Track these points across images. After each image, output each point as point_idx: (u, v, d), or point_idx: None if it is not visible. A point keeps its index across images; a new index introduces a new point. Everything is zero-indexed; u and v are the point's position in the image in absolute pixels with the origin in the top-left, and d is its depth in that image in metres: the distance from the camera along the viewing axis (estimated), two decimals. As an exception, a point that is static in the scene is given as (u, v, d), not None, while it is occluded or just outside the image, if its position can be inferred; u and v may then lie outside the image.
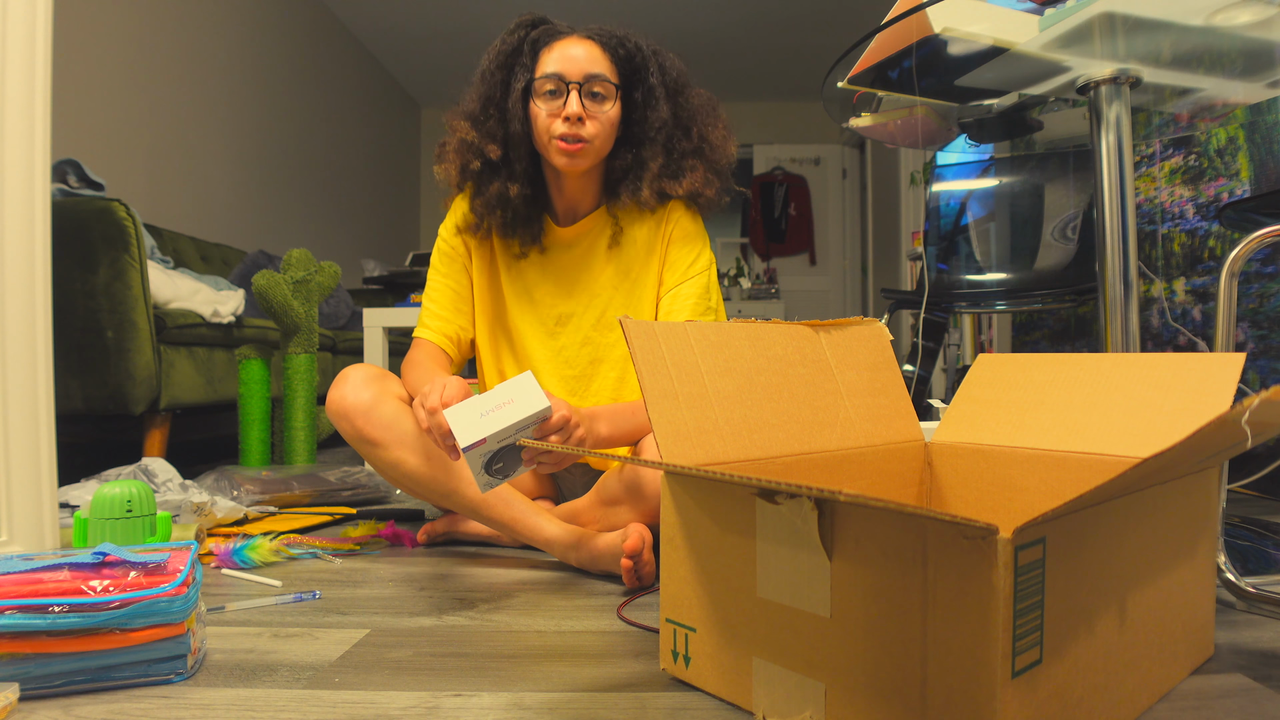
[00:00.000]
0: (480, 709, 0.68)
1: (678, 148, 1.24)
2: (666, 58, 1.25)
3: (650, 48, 1.24)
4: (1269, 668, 0.74)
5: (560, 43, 1.19)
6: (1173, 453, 0.47)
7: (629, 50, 1.21)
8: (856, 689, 0.57)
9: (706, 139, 1.25)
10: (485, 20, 4.73)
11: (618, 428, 1.15)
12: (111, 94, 2.73)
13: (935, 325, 2.10)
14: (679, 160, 1.24)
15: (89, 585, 0.70)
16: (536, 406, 0.92)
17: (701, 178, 1.25)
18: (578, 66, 1.17)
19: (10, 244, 1.08)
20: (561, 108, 1.17)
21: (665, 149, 1.23)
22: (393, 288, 3.96)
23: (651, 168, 1.23)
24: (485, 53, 1.24)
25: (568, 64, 1.17)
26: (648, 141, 1.23)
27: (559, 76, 1.17)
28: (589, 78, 1.17)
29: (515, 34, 1.22)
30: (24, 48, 1.10)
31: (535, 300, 1.30)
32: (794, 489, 0.51)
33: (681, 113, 1.24)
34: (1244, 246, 0.97)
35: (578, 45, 1.19)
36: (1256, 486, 1.64)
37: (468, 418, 0.91)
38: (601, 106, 1.19)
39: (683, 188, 1.24)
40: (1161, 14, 0.98)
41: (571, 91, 1.16)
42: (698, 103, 1.26)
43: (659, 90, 1.22)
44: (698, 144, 1.25)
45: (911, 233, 4.33)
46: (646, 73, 1.22)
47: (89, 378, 1.83)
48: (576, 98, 1.16)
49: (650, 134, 1.22)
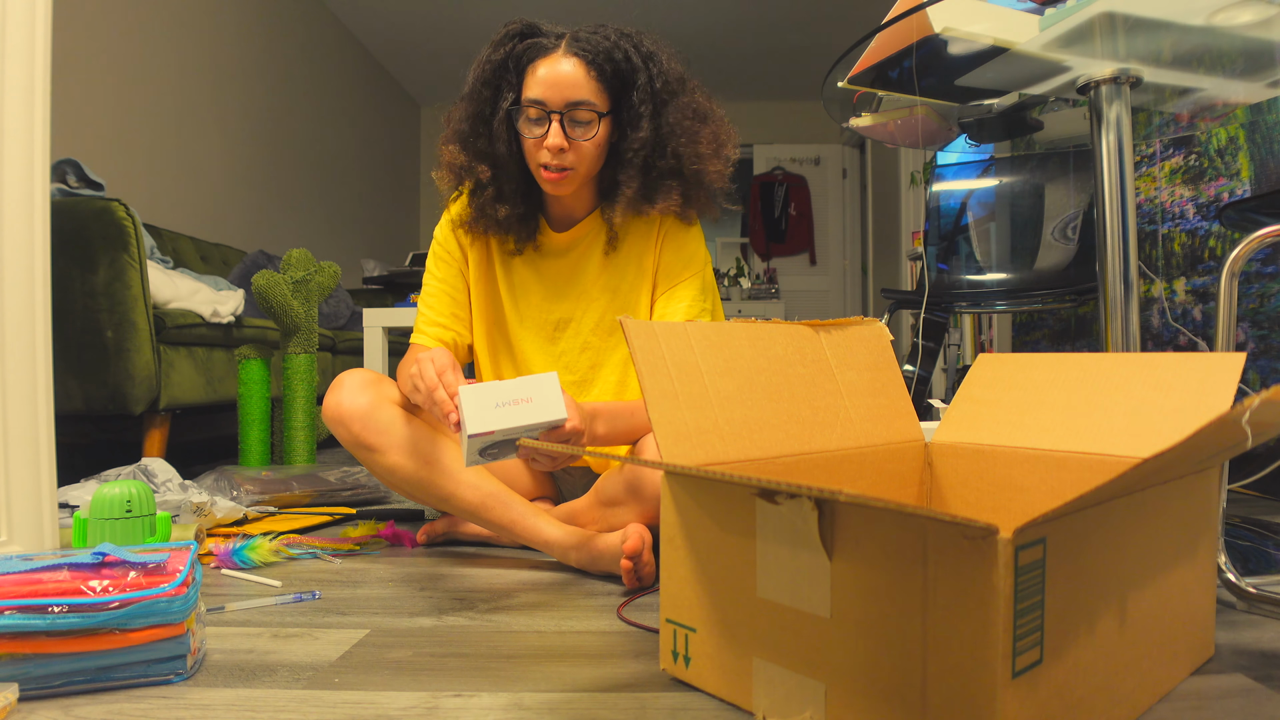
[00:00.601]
0: (480, 709, 0.68)
1: (655, 167, 1.19)
2: (659, 63, 1.18)
3: (644, 51, 1.18)
4: (1269, 668, 0.74)
5: (545, 61, 1.13)
6: (1173, 453, 0.47)
7: (616, 64, 1.15)
8: (856, 689, 0.57)
9: (682, 155, 1.19)
10: (485, 20, 4.74)
11: (615, 427, 1.15)
12: (111, 94, 2.73)
13: (935, 325, 2.10)
14: (655, 180, 1.19)
15: (89, 585, 0.70)
16: (553, 415, 0.91)
17: (678, 199, 1.20)
18: (560, 93, 1.12)
19: (10, 244, 1.08)
20: (544, 137, 1.14)
21: (642, 170, 1.19)
22: (392, 288, 3.95)
23: (625, 192, 1.19)
24: (473, 64, 1.20)
25: (550, 90, 1.12)
26: (625, 164, 1.19)
27: (541, 104, 1.13)
28: (570, 105, 1.12)
29: (501, 48, 1.17)
30: (24, 48, 1.10)
31: (534, 305, 1.30)
32: (794, 489, 0.51)
33: (661, 130, 1.18)
34: (1244, 246, 0.97)
35: (563, 64, 1.13)
36: (1256, 486, 1.64)
37: (481, 403, 0.90)
38: (586, 133, 1.14)
39: (656, 209, 1.20)
40: (1162, 14, 0.98)
41: (553, 121, 1.13)
42: (676, 118, 1.18)
43: (643, 108, 1.16)
44: (673, 163, 1.19)
45: (911, 233, 4.33)
46: (634, 88, 1.17)
47: (88, 378, 1.83)
48: (558, 128, 1.13)
49: (628, 156, 1.18)
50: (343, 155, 4.78)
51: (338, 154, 4.70)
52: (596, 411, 1.12)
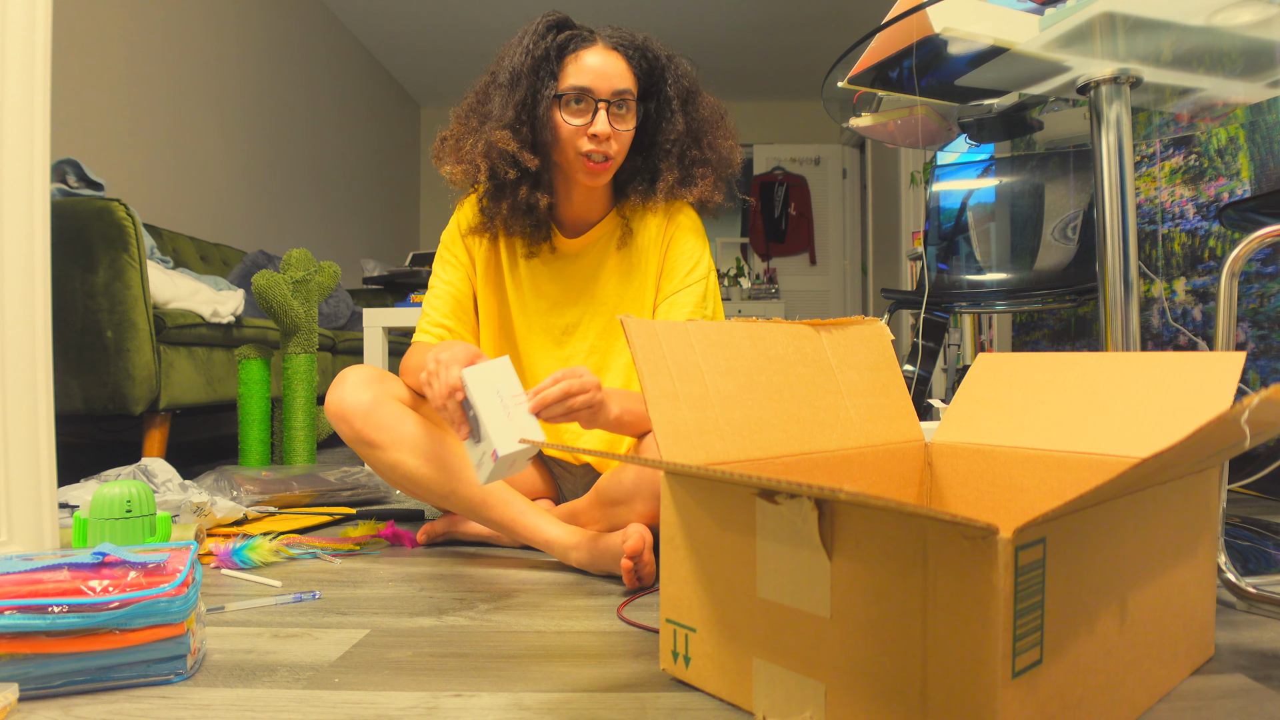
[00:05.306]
0: (480, 709, 0.68)
1: (689, 156, 1.25)
2: (680, 64, 1.25)
3: (665, 53, 1.24)
4: (1269, 668, 0.74)
5: (586, 52, 1.17)
6: (1173, 452, 0.47)
7: (649, 60, 1.21)
8: (856, 689, 0.57)
9: (716, 149, 1.26)
10: (485, 20, 4.74)
11: (626, 407, 1.12)
12: (111, 94, 2.73)
13: (935, 325, 2.10)
14: (690, 169, 1.25)
15: (89, 585, 0.70)
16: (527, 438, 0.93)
17: (711, 186, 1.26)
18: (607, 83, 1.15)
19: (9, 244, 1.08)
20: (588, 124, 1.15)
21: (679, 159, 1.24)
22: (393, 288, 3.95)
23: (667, 178, 1.23)
24: (509, 52, 1.19)
25: (596, 79, 1.15)
26: (663, 153, 1.24)
27: (589, 92, 1.15)
28: (616, 94, 1.16)
29: (543, 39, 1.17)
30: (24, 48, 1.10)
31: (542, 311, 1.31)
32: (794, 488, 0.51)
33: (693, 123, 1.25)
34: (1244, 246, 0.97)
35: (605, 57, 1.17)
36: (1256, 486, 1.64)
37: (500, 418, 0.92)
38: (626, 123, 1.19)
39: (693, 195, 1.25)
40: (1162, 14, 0.98)
41: (600, 110, 1.15)
42: (707, 113, 1.26)
43: (674, 101, 1.22)
44: (707, 154, 1.26)
45: (911, 233, 4.32)
46: (664, 83, 1.22)
47: (88, 378, 1.83)
48: (605, 116, 1.15)
49: (666, 145, 1.23)
50: (343, 155, 4.78)
51: (338, 154, 4.70)
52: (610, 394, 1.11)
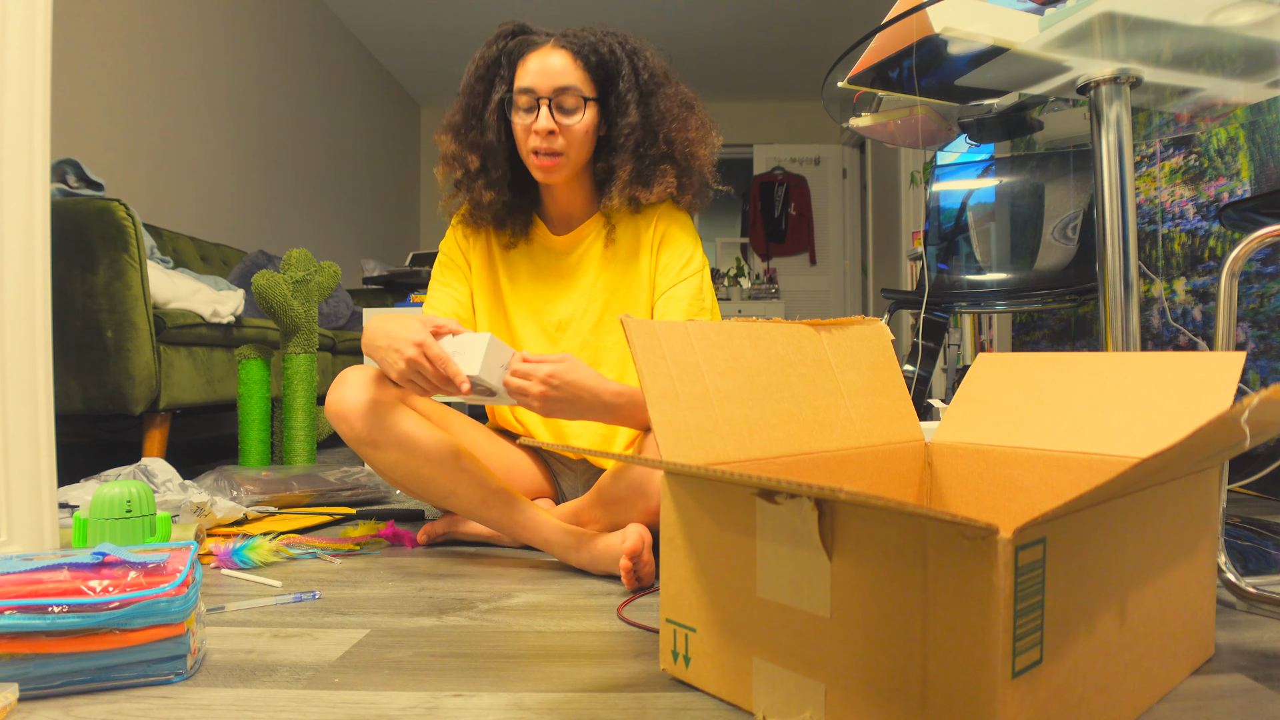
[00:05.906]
0: (480, 709, 0.68)
1: (646, 153, 1.24)
2: (643, 58, 1.25)
3: (628, 48, 1.24)
4: (1269, 668, 0.74)
5: (535, 54, 1.21)
6: (1172, 452, 0.47)
7: (601, 56, 1.22)
8: (856, 689, 0.57)
9: (675, 142, 1.25)
10: (486, 20, 4.72)
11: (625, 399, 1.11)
12: (111, 94, 2.73)
13: (935, 325, 2.10)
14: (649, 166, 1.24)
15: (89, 585, 0.70)
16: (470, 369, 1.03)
17: (674, 182, 1.25)
18: (548, 80, 1.19)
19: (9, 244, 1.08)
20: (534, 122, 1.20)
21: (635, 155, 1.24)
22: (392, 288, 3.95)
23: (621, 175, 1.24)
24: (468, 64, 1.27)
25: (538, 78, 1.19)
26: (617, 148, 1.24)
27: (530, 91, 1.19)
28: (558, 91, 1.19)
29: (494, 45, 1.25)
30: (24, 48, 1.10)
31: (536, 308, 1.33)
32: (794, 488, 0.51)
33: (650, 116, 1.24)
34: (1244, 246, 0.97)
35: (551, 56, 1.20)
36: (1256, 486, 1.64)
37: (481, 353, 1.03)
38: (572, 118, 1.20)
39: (654, 194, 1.24)
40: (1162, 14, 0.98)
41: (542, 106, 1.19)
42: (665, 106, 1.24)
43: (630, 95, 1.23)
44: (663, 148, 1.24)
45: (911, 233, 4.32)
46: (619, 78, 1.23)
47: (88, 378, 1.83)
48: (547, 112, 1.19)
49: (619, 140, 1.24)
50: (343, 155, 4.78)
51: (338, 154, 4.70)
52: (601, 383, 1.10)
